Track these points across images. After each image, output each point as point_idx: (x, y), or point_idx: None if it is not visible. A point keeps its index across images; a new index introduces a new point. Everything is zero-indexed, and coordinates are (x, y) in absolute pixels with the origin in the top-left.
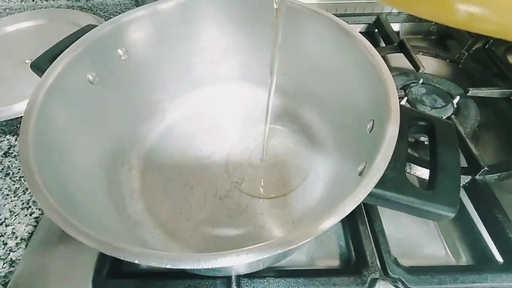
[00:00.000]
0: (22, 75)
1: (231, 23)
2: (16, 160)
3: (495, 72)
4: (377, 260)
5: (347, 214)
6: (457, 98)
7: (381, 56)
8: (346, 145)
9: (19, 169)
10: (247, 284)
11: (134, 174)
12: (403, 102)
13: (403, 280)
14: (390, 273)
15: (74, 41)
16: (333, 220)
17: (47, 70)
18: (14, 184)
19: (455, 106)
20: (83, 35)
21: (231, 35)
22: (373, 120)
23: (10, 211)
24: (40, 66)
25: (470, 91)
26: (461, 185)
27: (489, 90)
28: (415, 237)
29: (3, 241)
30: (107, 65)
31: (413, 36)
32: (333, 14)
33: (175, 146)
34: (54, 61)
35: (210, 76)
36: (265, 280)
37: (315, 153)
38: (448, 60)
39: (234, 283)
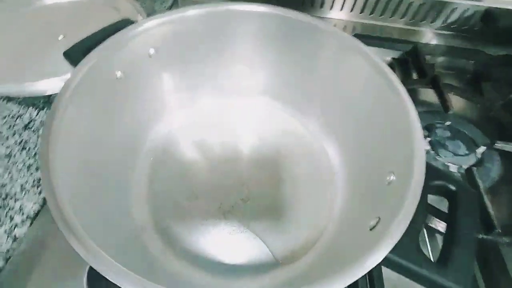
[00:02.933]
0: (52, 51)
1: (257, 39)
2: (35, 134)
3: None
4: None
5: (354, 280)
6: (482, 148)
7: (411, 89)
8: (360, 191)
9: (36, 145)
10: None
11: (143, 177)
12: (426, 143)
13: None
14: None
15: (108, 35)
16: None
17: (79, 64)
18: (29, 159)
19: (478, 156)
20: (118, 29)
21: (262, 49)
22: (393, 173)
23: (21, 187)
24: (72, 56)
25: (496, 144)
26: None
27: None
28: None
29: (10, 215)
30: (135, 63)
31: (447, 72)
32: (367, 35)
33: (187, 152)
34: (87, 56)
35: (234, 86)
36: None
37: (326, 189)
38: (479, 105)
39: None
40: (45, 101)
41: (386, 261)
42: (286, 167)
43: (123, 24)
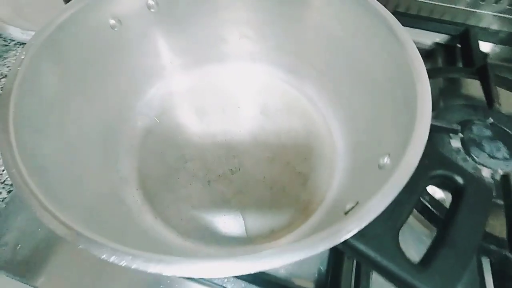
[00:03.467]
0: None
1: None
2: None
3: None
4: None
5: (313, 254)
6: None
7: (451, 79)
8: (353, 173)
9: None
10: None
11: (138, 131)
12: (455, 140)
13: None
14: None
15: None
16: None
17: (68, 4)
18: None
19: None
20: None
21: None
22: (389, 155)
23: None
24: None
25: None
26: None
27: None
28: None
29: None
30: (132, 13)
31: (503, 63)
32: (407, 14)
33: (184, 115)
34: None
35: (240, 52)
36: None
37: (323, 173)
38: None
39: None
40: None
41: (356, 250)
42: (283, 144)
43: None
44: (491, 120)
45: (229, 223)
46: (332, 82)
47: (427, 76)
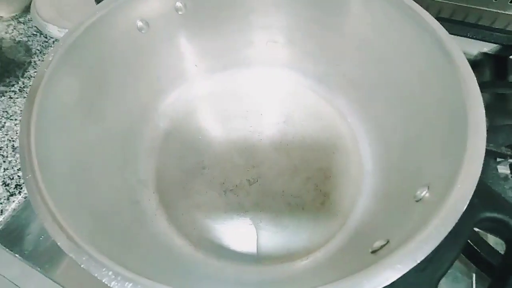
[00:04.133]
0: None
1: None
2: None
3: None
4: None
5: None
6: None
7: (501, 94)
8: (383, 202)
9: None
10: None
11: (159, 133)
12: (504, 166)
13: None
14: None
15: None
16: None
17: (99, 5)
18: None
19: None
20: None
21: (303, 18)
22: (428, 187)
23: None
24: None
25: None
26: None
27: None
28: None
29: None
30: (160, 16)
31: None
32: (451, 20)
33: (205, 119)
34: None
35: (266, 58)
36: None
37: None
38: None
39: None
40: None
41: None
42: (306, 158)
43: None
44: None
45: (242, 238)
46: (365, 95)
47: (481, 99)
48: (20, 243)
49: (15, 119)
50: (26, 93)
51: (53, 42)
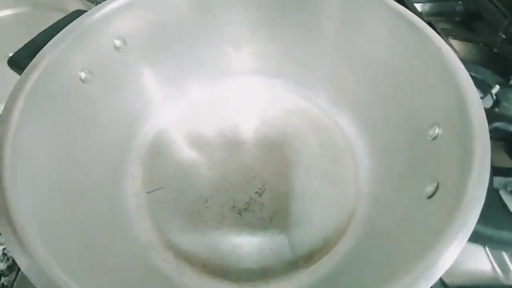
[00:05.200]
0: (4, 71)
1: (247, 8)
2: None
3: None
4: None
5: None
6: (497, 87)
7: None
8: (393, 155)
9: None
10: None
11: (139, 185)
12: None
13: None
14: None
15: (59, 31)
16: None
17: (26, 68)
18: None
19: (494, 97)
20: (69, 23)
21: (246, 23)
22: (438, 125)
23: None
24: (19, 62)
25: None
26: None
27: None
28: None
29: None
30: (102, 59)
31: (437, 18)
32: None
33: (183, 151)
34: (36, 56)
35: (221, 69)
36: None
37: (345, 162)
38: (481, 44)
39: None
40: None
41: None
42: (297, 148)
43: (75, 16)
44: None
45: (276, 249)
46: (342, 88)
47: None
48: None
49: None
50: None
51: None
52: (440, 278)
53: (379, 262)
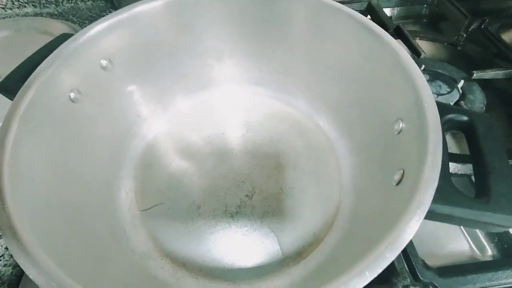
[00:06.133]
0: None
1: (226, 24)
2: None
3: (494, 52)
4: (406, 265)
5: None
6: (462, 82)
7: None
8: (368, 150)
9: None
10: None
11: (131, 197)
12: None
13: (435, 284)
14: (422, 278)
15: (47, 55)
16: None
17: (19, 92)
18: None
19: (460, 91)
20: (57, 46)
21: (226, 37)
22: (401, 120)
23: None
24: (9, 87)
25: (474, 74)
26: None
27: (493, 71)
28: (435, 233)
29: None
30: (90, 79)
31: (405, 21)
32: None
33: (173, 161)
34: (27, 81)
35: (205, 81)
36: None
37: (328, 161)
38: (446, 43)
39: None
40: None
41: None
42: (283, 151)
43: (62, 39)
44: (423, 66)
45: (269, 247)
46: (319, 90)
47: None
48: None
49: None
50: None
51: None
52: (423, 260)
53: (359, 245)
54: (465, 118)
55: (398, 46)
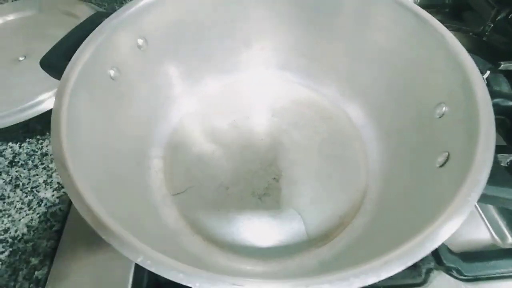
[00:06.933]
0: (17, 75)
1: (256, 5)
2: (24, 169)
3: None
4: None
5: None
6: (487, 73)
7: None
8: (395, 134)
9: (29, 180)
10: None
11: (161, 178)
12: None
13: (459, 268)
14: (445, 262)
15: (83, 34)
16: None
17: (68, 67)
18: (26, 196)
19: (485, 82)
20: (91, 25)
21: (254, 18)
22: (444, 103)
23: (28, 226)
24: (52, 63)
25: (502, 65)
26: (504, 164)
27: None
28: None
29: (25, 259)
30: (127, 58)
31: (428, 10)
32: None
33: (201, 144)
34: (74, 56)
35: (232, 64)
36: None
37: (355, 146)
38: (471, 33)
39: None
40: (25, 132)
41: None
42: (308, 136)
43: (97, 17)
44: None
45: (297, 228)
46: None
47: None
48: None
49: None
50: None
51: None
52: (446, 246)
53: (392, 230)
54: (511, 103)
55: (444, 28)
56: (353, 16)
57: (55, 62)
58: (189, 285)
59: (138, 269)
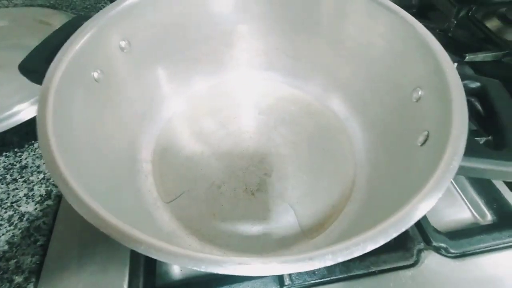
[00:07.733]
0: None
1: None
2: (2, 184)
3: (482, 37)
4: (418, 231)
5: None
6: (455, 65)
7: None
8: (381, 120)
9: (9, 194)
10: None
11: (151, 181)
12: None
13: (446, 246)
14: (434, 242)
15: (63, 37)
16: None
17: (50, 69)
18: (6, 212)
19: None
20: (72, 29)
21: (237, 20)
22: (419, 88)
23: (9, 243)
24: (32, 67)
25: (467, 57)
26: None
27: (483, 54)
28: (438, 204)
29: (7, 278)
30: (110, 60)
31: None
32: None
33: (190, 145)
34: (55, 58)
35: (218, 65)
36: None
37: (342, 137)
38: (437, 30)
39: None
40: (1, 145)
41: None
42: (296, 131)
43: (78, 21)
44: None
45: (292, 221)
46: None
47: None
48: None
49: None
50: None
51: None
52: (433, 226)
53: (382, 210)
54: (477, 84)
55: (414, 19)
56: (331, 14)
57: (35, 66)
58: (195, 268)
59: (132, 281)
